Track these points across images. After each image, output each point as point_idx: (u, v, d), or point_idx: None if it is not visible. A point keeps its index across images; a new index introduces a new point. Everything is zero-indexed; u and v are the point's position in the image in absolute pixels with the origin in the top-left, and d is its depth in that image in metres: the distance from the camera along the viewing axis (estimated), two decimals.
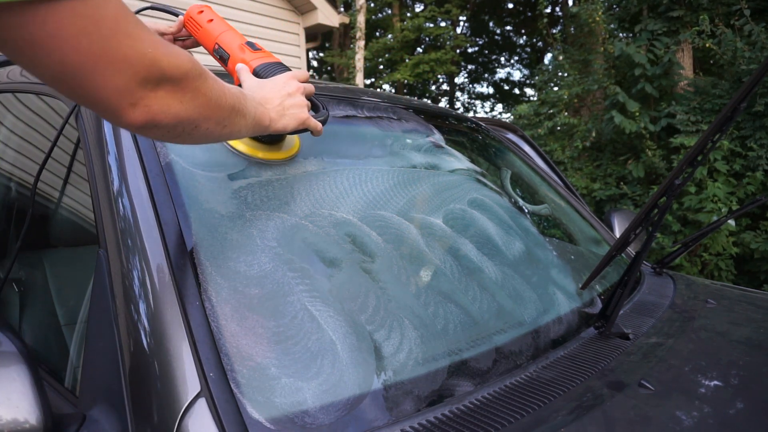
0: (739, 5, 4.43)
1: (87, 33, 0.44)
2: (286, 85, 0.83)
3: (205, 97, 0.59)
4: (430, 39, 13.44)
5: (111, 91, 0.48)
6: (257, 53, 0.92)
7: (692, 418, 0.74)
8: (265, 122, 0.77)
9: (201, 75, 0.58)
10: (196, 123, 0.60)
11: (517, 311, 0.98)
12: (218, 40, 0.95)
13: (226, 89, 0.65)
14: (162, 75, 0.52)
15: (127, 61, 0.48)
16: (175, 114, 0.55)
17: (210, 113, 0.61)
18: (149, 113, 0.52)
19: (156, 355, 0.65)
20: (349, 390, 0.69)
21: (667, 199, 0.87)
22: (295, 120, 0.82)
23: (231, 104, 0.66)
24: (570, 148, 5.76)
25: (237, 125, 0.69)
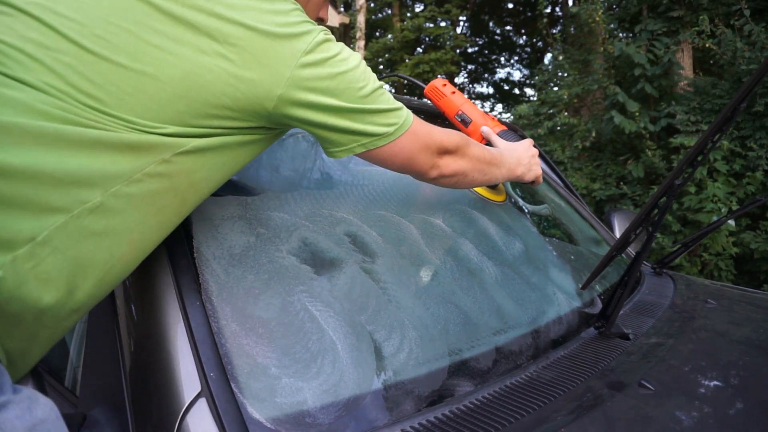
0: (739, 5, 4.42)
1: (412, 143, 0.80)
2: (530, 149, 1.12)
3: (471, 157, 0.91)
4: (430, 39, 13.43)
5: (423, 164, 0.83)
6: (495, 120, 1.20)
7: (692, 418, 0.74)
8: (517, 173, 1.07)
9: (467, 144, 0.90)
10: (465, 173, 0.91)
11: (517, 311, 0.98)
12: (462, 107, 1.23)
13: (486, 151, 0.96)
14: (445, 149, 0.85)
15: (429, 147, 0.82)
16: (454, 170, 0.88)
17: (475, 167, 0.92)
18: (440, 170, 0.86)
19: (156, 355, 0.65)
20: (350, 390, 0.69)
21: (667, 199, 0.87)
22: (535, 174, 1.12)
23: (489, 160, 0.96)
24: (570, 148, 5.76)
25: (494, 174, 0.99)
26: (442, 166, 0.86)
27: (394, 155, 0.79)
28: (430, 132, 0.83)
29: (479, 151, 0.94)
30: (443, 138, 0.85)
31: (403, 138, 0.78)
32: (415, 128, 0.80)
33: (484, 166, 0.95)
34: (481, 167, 0.94)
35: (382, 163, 0.80)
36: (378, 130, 0.75)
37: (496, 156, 0.99)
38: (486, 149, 0.97)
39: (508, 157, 1.05)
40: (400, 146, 0.78)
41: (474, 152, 0.92)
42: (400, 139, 0.78)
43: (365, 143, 0.75)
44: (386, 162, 0.80)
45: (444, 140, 0.85)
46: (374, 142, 0.75)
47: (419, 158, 0.82)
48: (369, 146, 0.75)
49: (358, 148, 0.75)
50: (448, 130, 0.87)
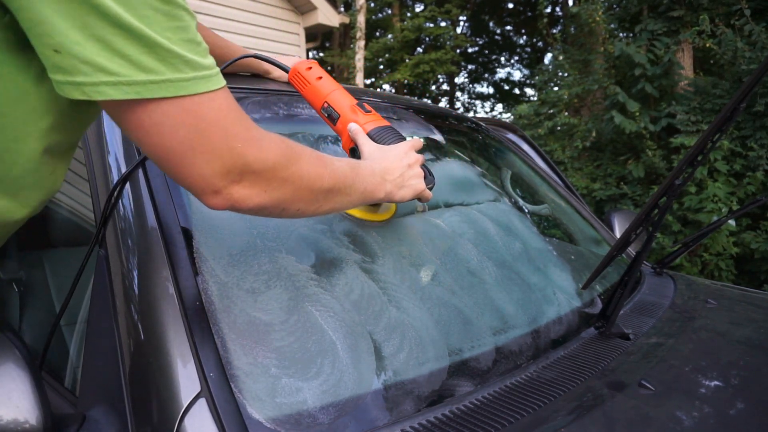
0: (739, 5, 4.42)
1: (185, 125, 0.50)
2: (407, 156, 0.85)
3: (293, 185, 0.62)
4: (430, 39, 13.44)
5: (197, 177, 0.53)
6: (369, 115, 0.92)
7: (692, 418, 0.74)
8: (379, 195, 0.79)
9: (292, 164, 0.61)
10: (282, 206, 0.63)
11: (517, 311, 0.98)
12: (328, 98, 0.93)
13: (327, 171, 0.67)
14: (246, 168, 0.55)
15: (215, 153, 0.52)
16: (258, 203, 0.59)
17: (299, 197, 0.64)
18: (229, 201, 0.56)
19: (156, 355, 0.65)
20: (349, 390, 0.69)
21: (668, 199, 0.87)
22: (412, 191, 0.84)
23: (327, 187, 0.67)
24: (570, 148, 5.76)
25: (335, 203, 0.71)
26: (234, 194, 0.56)
27: (146, 130, 0.50)
28: (234, 131, 0.53)
29: (313, 172, 0.64)
30: (249, 149, 0.55)
31: (177, 109, 0.49)
32: (215, 103, 0.52)
33: (319, 195, 0.66)
34: (312, 197, 0.65)
35: (138, 141, 0.52)
36: (139, 70, 0.47)
37: (345, 177, 0.71)
38: (330, 167, 0.68)
39: (368, 172, 0.76)
40: (164, 122, 0.50)
41: (300, 174, 0.62)
42: (171, 108, 0.49)
43: (113, 82, 0.46)
44: (142, 142, 0.52)
45: (248, 152, 0.54)
46: (126, 89, 0.47)
47: (194, 165, 0.52)
48: (115, 93, 0.47)
49: (104, 89, 0.47)
50: (272, 138, 0.59)
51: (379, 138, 0.89)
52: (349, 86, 1.43)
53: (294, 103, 1.10)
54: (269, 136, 0.59)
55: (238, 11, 5.44)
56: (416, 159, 0.86)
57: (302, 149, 0.64)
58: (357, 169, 0.74)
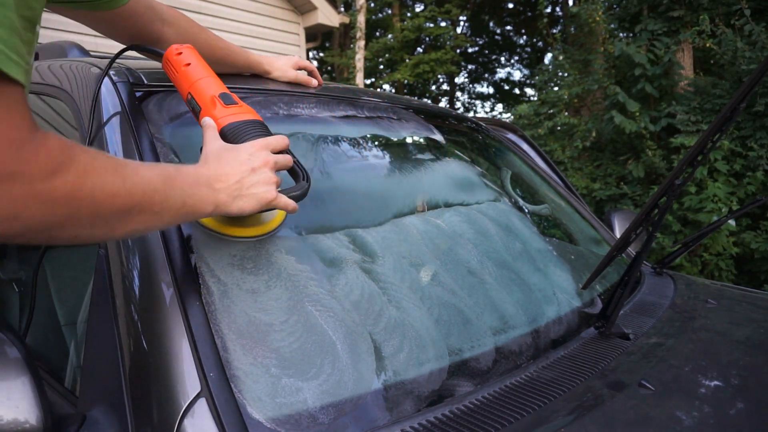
0: (739, 5, 4.42)
1: None
2: (251, 159, 0.69)
3: (68, 207, 0.48)
4: (430, 39, 13.44)
5: None
6: (230, 108, 0.77)
7: (692, 418, 0.74)
8: (205, 208, 0.64)
9: (68, 177, 0.48)
10: (49, 232, 0.49)
11: (517, 311, 0.98)
12: (192, 88, 0.79)
13: (124, 187, 0.53)
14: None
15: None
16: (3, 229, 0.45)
17: (77, 221, 0.50)
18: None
19: (156, 355, 0.65)
20: (349, 390, 0.69)
21: (668, 199, 0.87)
22: (255, 201, 0.68)
23: (123, 207, 0.53)
24: (570, 148, 5.76)
25: (138, 223, 0.57)
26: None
27: None
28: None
29: (104, 188, 0.51)
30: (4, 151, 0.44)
31: None
32: None
33: (109, 216, 0.53)
34: (96, 220, 0.52)
35: None
36: None
37: (153, 192, 0.57)
38: (132, 180, 0.55)
39: (190, 181, 0.63)
40: None
41: (82, 191, 0.49)
42: None
43: None
44: None
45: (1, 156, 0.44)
46: None
47: None
48: None
49: None
50: (45, 142, 0.48)
51: (234, 135, 0.74)
52: (348, 86, 1.43)
53: (294, 103, 1.10)
54: (42, 139, 0.47)
55: (238, 11, 5.44)
56: (265, 160, 0.70)
57: (92, 159, 0.51)
58: (173, 180, 0.60)
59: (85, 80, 0.95)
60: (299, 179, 0.77)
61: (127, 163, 0.56)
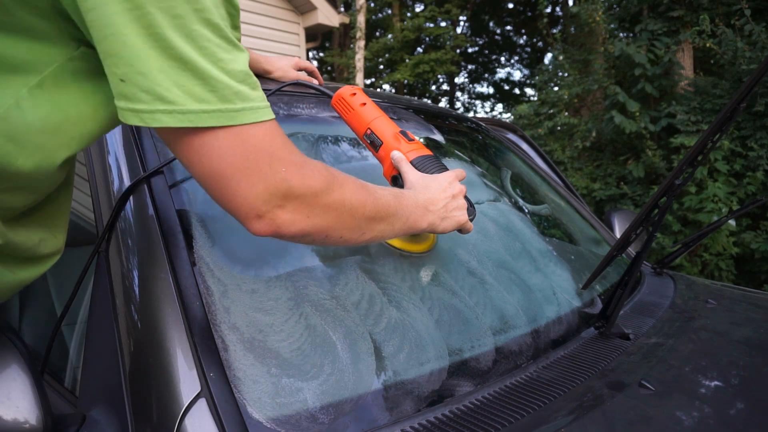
0: (739, 5, 4.42)
1: (233, 150, 0.53)
2: (451, 187, 0.83)
3: (336, 211, 0.62)
4: (430, 39, 13.44)
5: (242, 201, 0.55)
6: (412, 144, 0.92)
7: (692, 418, 0.74)
8: (421, 225, 0.78)
9: (335, 190, 0.62)
10: (326, 233, 0.63)
11: (517, 311, 0.98)
12: (371, 125, 0.94)
13: (370, 199, 0.67)
14: (290, 193, 0.56)
15: (260, 176, 0.54)
16: (301, 229, 0.60)
17: (342, 224, 0.64)
18: (273, 226, 0.57)
19: (156, 355, 0.65)
20: (349, 390, 0.69)
21: (668, 199, 0.87)
22: (454, 223, 0.83)
23: (370, 215, 0.68)
24: (570, 148, 5.76)
25: (378, 231, 0.71)
26: (278, 219, 0.57)
27: (198, 158, 0.53)
28: (279, 155, 0.56)
29: (356, 199, 0.65)
30: (293, 174, 0.56)
31: (228, 137, 0.52)
32: (259, 135, 0.54)
33: (361, 222, 0.66)
34: (355, 224, 0.66)
35: (188, 164, 0.55)
36: (193, 101, 0.50)
37: (389, 205, 0.71)
38: (373, 195, 0.68)
39: (412, 202, 0.76)
40: (212, 146, 0.52)
41: (342, 201, 0.63)
42: (219, 136, 0.52)
43: (168, 110, 0.50)
44: (190, 164, 0.55)
45: (292, 177, 0.56)
46: (181, 117, 0.50)
47: (239, 188, 0.54)
48: (170, 121, 0.50)
49: (160, 116, 0.50)
50: (315, 164, 0.60)
51: (422, 167, 0.88)
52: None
53: (294, 103, 1.10)
54: (313, 163, 0.60)
55: None
56: (459, 190, 0.85)
57: (345, 177, 0.65)
58: (400, 199, 0.74)
59: None
60: (469, 207, 0.89)
61: (367, 183, 0.69)
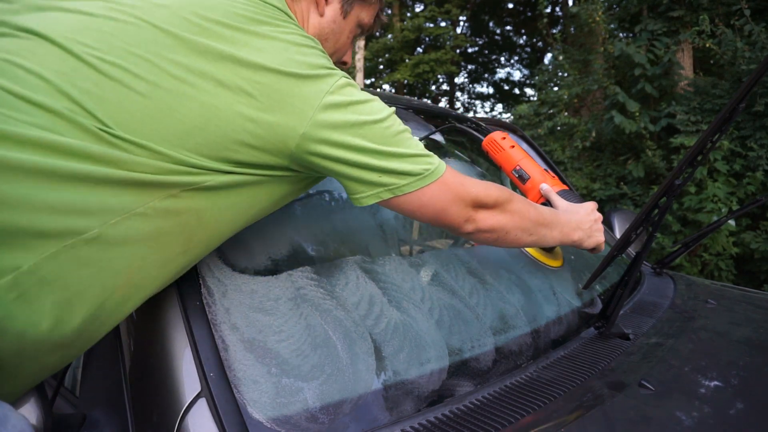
0: (739, 5, 4.42)
1: (437, 196, 0.74)
2: (593, 213, 1.02)
3: (513, 213, 0.83)
4: (430, 39, 13.43)
5: (456, 218, 0.77)
6: (555, 179, 1.12)
7: (692, 418, 0.74)
8: (573, 237, 0.96)
9: (509, 199, 0.83)
10: (506, 230, 0.83)
11: (517, 311, 0.98)
12: (520, 163, 1.15)
13: (535, 209, 0.88)
14: (481, 203, 0.79)
15: (463, 199, 0.76)
16: (491, 225, 0.81)
17: (518, 224, 0.84)
18: (476, 224, 0.79)
19: (156, 355, 0.65)
20: (349, 390, 0.69)
21: (668, 199, 0.87)
22: (594, 241, 1.00)
23: (537, 219, 0.87)
24: (570, 148, 5.76)
25: (543, 235, 0.90)
26: (478, 220, 0.79)
27: (423, 205, 0.74)
28: (464, 183, 0.78)
29: (525, 208, 0.86)
30: (479, 190, 0.79)
31: (433, 187, 0.73)
32: (447, 178, 0.75)
33: (530, 225, 0.86)
34: (526, 226, 0.86)
35: (412, 214, 0.76)
36: (404, 175, 0.71)
37: (547, 216, 0.91)
38: (536, 208, 0.89)
39: (565, 219, 0.95)
40: (429, 195, 0.74)
41: (518, 208, 0.84)
42: (430, 188, 0.73)
43: (391, 188, 0.71)
44: (416, 212, 0.75)
45: (480, 193, 0.78)
46: (401, 187, 0.71)
47: (451, 210, 0.76)
48: (396, 192, 0.71)
49: (384, 194, 0.71)
50: (487, 183, 0.81)
51: (566, 197, 1.07)
52: None
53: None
54: (487, 183, 0.81)
55: None
56: (599, 216, 1.03)
57: (512, 192, 0.84)
58: (557, 214, 0.94)
59: None
60: None
61: (525, 200, 0.88)
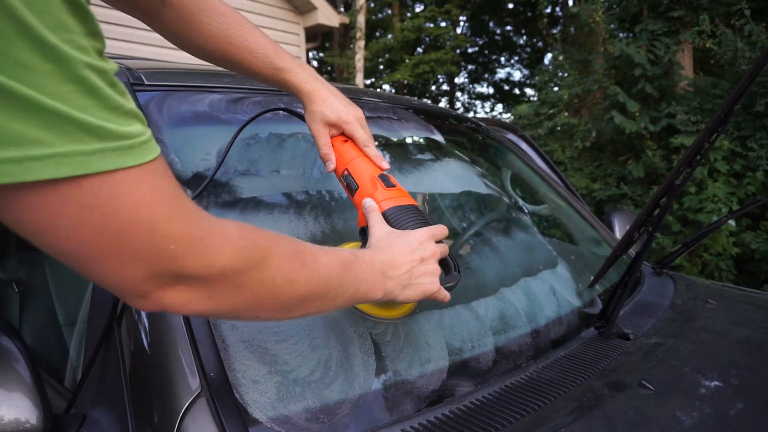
0: (739, 5, 4.42)
1: (87, 225, 0.36)
2: (420, 248, 0.69)
3: (252, 291, 0.49)
4: (430, 39, 13.44)
5: (115, 280, 0.41)
6: (390, 191, 0.78)
7: (692, 418, 0.74)
8: (375, 295, 0.64)
9: (253, 267, 0.48)
10: (235, 314, 0.51)
11: (517, 311, 0.98)
12: (350, 165, 0.80)
13: (304, 273, 0.53)
14: (181, 274, 0.43)
15: (138, 256, 0.39)
16: (199, 310, 0.47)
17: (260, 304, 0.51)
18: (160, 305, 0.44)
19: (156, 355, 0.65)
20: (349, 390, 0.69)
21: (668, 200, 0.87)
22: (420, 291, 0.68)
23: (300, 293, 0.53)
24: (570, 148, 5.76)
25: (312, 308, 0.57)
26: (166, 299, 0.44)
27: (37, 232, 0.37)
28: (165, 229, 0.40)
29: (284, 274, 0.51)
30: (186, 252, 0.42)
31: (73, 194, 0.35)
32: (123, 192, 0.37)
33: (288, 302, 0.53)
34: (276, 305, 0.52)
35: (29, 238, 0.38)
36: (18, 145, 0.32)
37: (329, 278, 0.57)
38: (312, 266, 0.55)
39: (366, 267, 0.63)
40: (57, 218, 0.36)
41: (264, 279, 0.49)
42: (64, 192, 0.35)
43: None
44: (33, 239, 0.38)
45: (185, 256, 0.42)
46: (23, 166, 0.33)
47: (108, 270, 0.40)
48: None
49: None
50: (227, 232, 0.46)
51: (396, 220, 0.74)
52: (348, 86, 1.43)
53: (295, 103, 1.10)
54: (223, 230, 0.45)
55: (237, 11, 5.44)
56: (432, 252, 0.70)
57: (274, 244, 0.51)
58: (350, 266, 0.60)
59: None
60: (450, 270, 0.76)
61: (306, 248, 0.56)
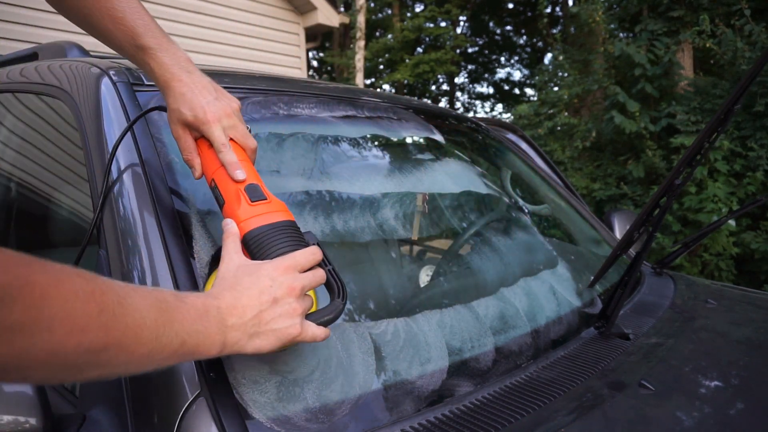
0: (739, 5, 4.42)
1: None
2: (273, 286, 0.56)
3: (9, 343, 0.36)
4: (430, 39, 13.44)
5: None
6: (256, 207, 0.62)
7: (692, 418, 0.74)
8: (210, 350, 0.51)
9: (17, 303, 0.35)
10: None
11: (517, 311, 0.98)
12: (216, 174, 0.66)
13: (99, 319, 0.41)
14: None
15: None
16: None
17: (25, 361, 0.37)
18: None
19: None
20: (349, 390, 0.69)
21: (668, 200, 0.87)
22: (275, 339, 0.56)
23: (93, 346, 0.40)
24: (570, 148, 5.76)
25: (114, 368, 0.44)
26: None
27: None
28: None
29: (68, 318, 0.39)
30: None
31: None
32: None
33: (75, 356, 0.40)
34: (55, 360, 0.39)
35: None
36: None
37: (141, 326, 0.45)
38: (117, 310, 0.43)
39: (195, 314, 0.51)
40: None
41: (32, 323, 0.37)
42: None
43: None
44: None
45: None
46: None
47: None
48: None
49: None
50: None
51: (260, 245, 0.60)
52: (348, 86, 1.43)
53: (294, 103, 1.10)
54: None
55: (237, 11, 5.43)
56: (289, 288, 0.57)
57: (53, 278, 0.39)
58: (171, 312, 0.48)
59: (85, 80, 0.95)
60: (334, 295, 0.64)
61: (111, 288, 0.43)
